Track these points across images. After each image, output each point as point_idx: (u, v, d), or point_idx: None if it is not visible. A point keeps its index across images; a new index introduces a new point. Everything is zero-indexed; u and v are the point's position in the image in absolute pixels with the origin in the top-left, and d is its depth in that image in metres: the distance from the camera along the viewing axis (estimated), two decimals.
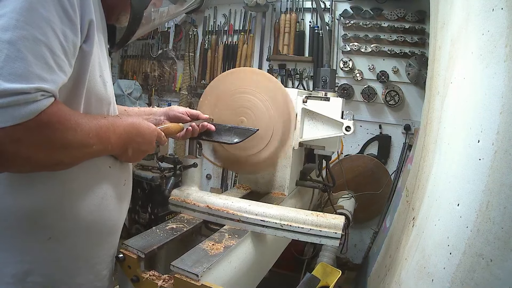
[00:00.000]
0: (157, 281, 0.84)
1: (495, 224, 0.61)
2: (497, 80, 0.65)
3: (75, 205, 0.75)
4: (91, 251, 0.81)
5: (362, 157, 2.77)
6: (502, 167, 0.61)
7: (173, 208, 1.17)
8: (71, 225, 0.75)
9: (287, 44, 2.98)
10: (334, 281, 1.03)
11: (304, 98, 1.31)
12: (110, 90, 0.81)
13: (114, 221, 0.85)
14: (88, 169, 0.76)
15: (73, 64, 0.66)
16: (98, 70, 0.75)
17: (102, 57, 0.77)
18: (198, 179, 1.19)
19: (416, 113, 2.63)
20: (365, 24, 2.67)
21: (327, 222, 0.98)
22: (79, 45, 0.66)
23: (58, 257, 0.75)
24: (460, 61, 0.90)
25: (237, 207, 1.07)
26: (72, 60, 0.65)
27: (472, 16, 0.81)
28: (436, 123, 1.13)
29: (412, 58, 2.55)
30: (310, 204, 1.70)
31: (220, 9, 3.36)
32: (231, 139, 1.10)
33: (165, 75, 3.68)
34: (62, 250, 0.75)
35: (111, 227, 0.85)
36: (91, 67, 0.71)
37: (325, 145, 1.41)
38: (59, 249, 0.74)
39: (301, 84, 3.01)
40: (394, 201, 2.11)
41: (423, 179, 1.19)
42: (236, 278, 0.95)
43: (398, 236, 1.42)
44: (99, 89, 0.76)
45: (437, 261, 0.78)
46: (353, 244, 2.82)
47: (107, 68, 0.80)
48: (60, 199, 0.72)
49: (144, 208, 2.92)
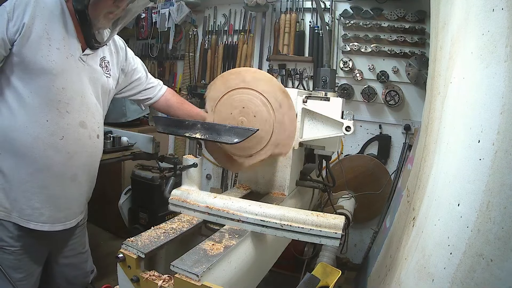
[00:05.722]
0: (157, 281, 0.84)
1: (496, 224, 0.61)
2: (498, 80, 0.65)
3: (14, 133, 1.14)
4: (20, 175, 1.17)
5: (362, 157, 2.77)
6: (502, 167, 0.61)
7: (173, 208, 1.17)
8: (7, 146, 1.15)
9: (287, 44, 2.98)
10: (334, 281, 1.03)
11: (304, 98, 1.30)
12: (48, 64, 1.13)
13: (45, 163, 1.18)
14: (28, 116, 1.13)
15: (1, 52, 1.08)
16: (39, 51, 1.11)
17: (52, 43, 1.14)
18: (198, 179, 1.19)
19: (416, 113, 2.63)
20: (365, 24, 2.67)
21: (327, 222, 0.98)
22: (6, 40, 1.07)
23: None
24: (460, 61, 0.90)
25: (237, 207, 1.07)
26: (1, 49, 1.07)
27: (472, 16, 0.81)
28: (437, 123, 1.13)
29: (412, 58, 2.55)
30: (310, 204, 1.70)
31: (220, 9, 3.36)
32: (231, 139, 1.10)
33: (165, 75, 3.68)
34: None
35: (41, 166, 1.18)
36: (27, 50, 1.09)
37: (325, 145, 1.41)
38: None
39: (301, 84, 3.01)
40: (394, 201, 2.11)
41: (423, 179, 1.19)
42: (236, 278, 0.95)
43: (398, 236, 1.42)
44: (39, 64, 1.11)
45: (437, 261, 0.77)
46: (353, 244, 2.82)
47: (55, 50, 1.15)
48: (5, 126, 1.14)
49: (144, 208, 2.92)
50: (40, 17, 1.11)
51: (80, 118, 1.24)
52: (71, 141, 1.22)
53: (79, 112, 1.23)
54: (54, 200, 1.24)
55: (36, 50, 1.11)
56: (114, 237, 3.11)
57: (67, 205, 1.29)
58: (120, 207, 3.02)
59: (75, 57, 1.20)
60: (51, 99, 1.16)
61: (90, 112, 1.27)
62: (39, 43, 1.11)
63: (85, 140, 1.26)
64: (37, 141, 1.16)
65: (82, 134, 1.25)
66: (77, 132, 1.23)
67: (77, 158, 1.25)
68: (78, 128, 1.23)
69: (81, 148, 1.26)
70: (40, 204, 1.21)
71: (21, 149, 1.15)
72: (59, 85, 1.16)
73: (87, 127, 1.26)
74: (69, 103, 1.20)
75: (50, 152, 1.18)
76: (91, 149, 1.30)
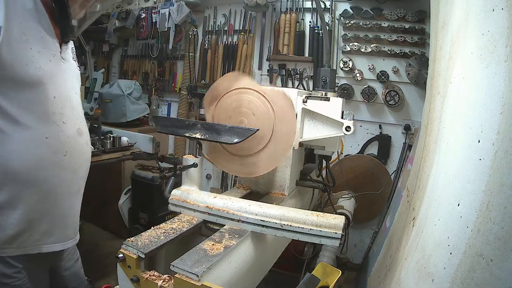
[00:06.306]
0: (157, 281, 0.84)
1: (496, 224, 0.61)
2: (498, 80, 0.65)
3: (15, 161, 0.98)
4: (26, 203, 1.02)
5: (362, 157, 2.77)
6: (502, 167, 0.61)
7: (173, 208, 1.17)
8: (11, 177, 0.99)
9: (287, 44, 2.98)
10: (334, 281, 1.03)
11: (304, 98, 1.30)
12: (35, 72, 0.97)
13: (52, 184, 1.07)
14: (25, 137, 0.99)
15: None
16: (22, 58, 0.94)
17: (32, 46, 0.97)
18: (198, 179, 1.19)
19: (416, 113, 2.63)
20: (365, 24, 2.67)
21: (327, 222, 0.98)
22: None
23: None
24: (460, 61, 0.90)
25: (237, 207, 1.07)
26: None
27: (472, 16, 0.81)
28: (437, 123, 1.13)
29: (412, 58, 2.55)
30: (310, 204, 1.70)
31: (220, 9, 3.36)
32: (231, 139, 1.10)
33: (165, 75, 3.68)
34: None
35: (49, 188, 1.06)
36: (9, 59, 0.91)
37: (325, 145, 1.41)
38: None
39: (301, 84, 3.01)
40: (394, 201, 2.11)
41: (423, 179, 1.19)
42: (236, 278, 0.95)
43: (398, 236, 1.42)
44: (25, 74, 0.95)
45: (437, 261, 0.78)
46: (353, 244, 2.82)
47: (37, 53, 0.98)
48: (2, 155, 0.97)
49: (144, 208, 2.92)
50: (14, 15, 0.92)
51: (76, 125, 1.13)
52: (74, 154, 1.12)
53: (73, 119, 1.11)
54: (62, 219, 1.15)
55: (18, 57, 0.93)
56: (114, 237, 3.11)
57: (74, 218, 1.22)
58: (120, 207, 3.02)
59: (56, 57, 1.05)
60: (45, 113, 1.01)
61: (80, 115, 1.17)
62: (19, 48, 0.94)
63: (83, 148, 1.18)
64: (41, 162, 1.03)
65: (81, 144, 1.16)
66: (77, 143, 1.13)
67: (81, 170, 1.18)
68: (77, 137, 1.13)
69: (83, 160, 1.17)
70: (48, 225, 1.10)
71: (25, 176, 1.01)
72: (50, 95, 1.02)
73: (83, 134, 1.17)
74: (63, 112, 1.07)
75: (56, 171, 1.07)
76: (88, 155, 1.23)
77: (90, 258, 2.66)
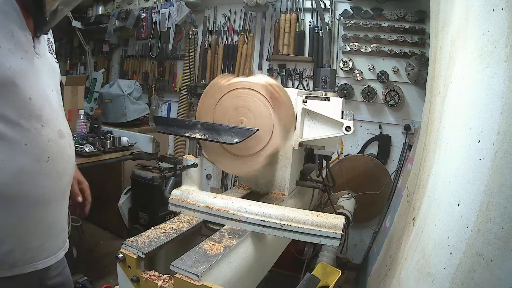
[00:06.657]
0: (157, 281, 0.84)
1: (496, 224, 0.61)
2: (498, 80, 0.65)
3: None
4: (12, 221, 0.91)
5: (362, 157, 2.77)
6: (502, 167, 0.61)
7: (173, 208, 1.17)
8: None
9: (287, 44, 2.98)
10: (334, 281, 1.03)
11: (304, 98, 1.30)
12: (5, 72, 0.85)
13: (37, 195, 0.95)
14: (1, 148, 0.86)
15: None
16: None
17: (1, 44, 0.84)
18: (198, 179, 1.19)
19: (416, 113, 2.63)
20: (365, 24, 2.67)
21: (327, 222, 0.98)
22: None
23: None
24: (460, 61, 0.90)
25: (237, 207, 1.07)
26: None
27: (472, 16, 0.81)
28: (437, 123, 1.13)
29: (412, 58, 2.55)
30: (310, 204, 1.70)
31: (220, 9, 3.36)
32: (231, 139, 1.10)
33: (165, 75, 3.68)
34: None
35: (35, 200, 0.95)
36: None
37: (325, 145, 1.41)
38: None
39: (301, 84, 3.01)
40: (394, 201, 2.11)
41: (423, 179, 1.19)
42: (236, 278, 0.95)
43: (398, 236, 1.42)
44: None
45: (437, 261, 0.77)
46: (353, 244, 2.82)
47: (6, 52, 0.86)
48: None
49: (144, 208, 2.92)
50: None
51: (56, 127, 1.01)
52: (57, 159, 1.00)
53: (52, 120, 1.00)
54: (51, 229, 1.04)
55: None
56: (114, 237, 3.11)
57: (63, 226, 1.11)
58: (120, 207, 3.02)
59: (29, 53, 0.93)
60: (20, 117, 0.89)
61: (59, 115, 1.05)
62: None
63: (66, 151, 1.05)
64: (22, 174, 0.91)
65: (63, 146, 1.03)
66: (59, 146, 1.01)
67: (66, 175, 1.06)
68: (58, 140, 1.01)
69: (67, 163, 1.06)
70: (40, 240, 1.00)
71: (5, 192, 0.88)
72: (25, 96, 0.90)
73: (65, 136, 1.05)
74: (41, 114, 0.95)
75: (40, 180, 0.95)
76: (73, 159, 1.10)
77: (90, 258, 2.68)
